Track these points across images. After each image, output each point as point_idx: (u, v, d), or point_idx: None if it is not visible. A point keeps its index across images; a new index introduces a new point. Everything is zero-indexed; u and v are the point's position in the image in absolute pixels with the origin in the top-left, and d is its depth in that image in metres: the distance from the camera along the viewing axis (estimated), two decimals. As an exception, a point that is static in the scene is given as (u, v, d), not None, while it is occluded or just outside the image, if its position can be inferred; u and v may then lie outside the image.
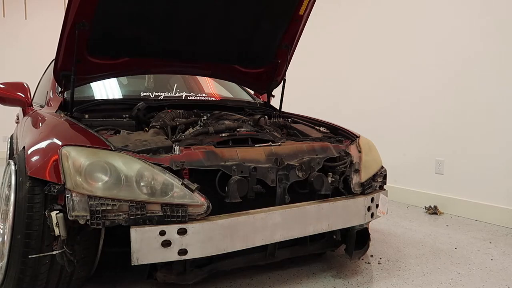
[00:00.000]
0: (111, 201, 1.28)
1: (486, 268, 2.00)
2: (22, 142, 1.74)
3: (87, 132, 1.51)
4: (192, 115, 2.03)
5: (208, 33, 2.11)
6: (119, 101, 2.17)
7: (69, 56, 1.80)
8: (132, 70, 2.18)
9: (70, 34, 1.74)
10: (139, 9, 1.85)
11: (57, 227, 1.28)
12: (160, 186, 1.35)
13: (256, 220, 1.48)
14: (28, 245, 1.31)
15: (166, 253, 1.33)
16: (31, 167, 1.36)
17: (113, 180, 1.30)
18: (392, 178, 3.48)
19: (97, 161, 1.32)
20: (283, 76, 2.48)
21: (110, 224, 1.28)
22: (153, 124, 1.81)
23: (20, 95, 2.38)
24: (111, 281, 1.76)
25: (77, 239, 1.37)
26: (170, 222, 1.33)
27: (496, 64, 2.81)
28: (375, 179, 1.92)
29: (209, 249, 1.40)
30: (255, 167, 1.56)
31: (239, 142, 1.70)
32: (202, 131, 1.75)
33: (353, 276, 1.87)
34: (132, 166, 1.34)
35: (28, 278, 1.34)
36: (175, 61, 2.23)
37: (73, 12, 1.67)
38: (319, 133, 2.09)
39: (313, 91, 4.49)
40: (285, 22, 2.22)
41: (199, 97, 2.58)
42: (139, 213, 1.31)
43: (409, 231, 2.63)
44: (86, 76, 2.02)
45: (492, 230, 2.66)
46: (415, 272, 1.94)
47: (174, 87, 2.70)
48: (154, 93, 2.42)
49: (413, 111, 3.40)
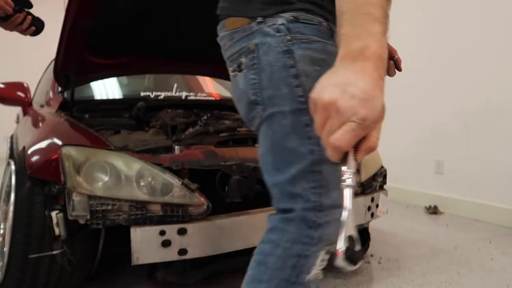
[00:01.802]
0: (111, 201, 1.28)
1: (486, 267, 2.00)
2: (22, 142, 1.74)
3: (87, 131, 1.51)
4: (192, 115, 2.03)
5: (209, 32, 2.10)
6: (119, 101, 2.18)
7: (69, 55, 1.80)
8: (132, 69, 2.18)
9: (70, 34, 1.74)
10: (139, 9, 1.85)
11: (57, 227, 1.29)
12: (160, 186, 1.35)
13: (256, 220, 1.48)
14: (28, 245, 1.31)
15: (166, 253, 1.33)
16: (31, 167, 1.36)
17: (113, 180, 1.30)
18: (392, 178, 3.47)
19: (97, 161, 1.32)
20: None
21: (110, 224, 1.29)
22: (153, 124, 1.82)
23: (20, 94, 2.39)
24: (111, 281, 1.76)
25: (77, 239, 1.37)
26: (170, 222, 1.33)
27: (496, 65, 2.81)
28: (375, 179, 1.92)
29: (209, 249, 1.40)
30: (255, 167, 1.56)
31: (239, 142, 1.70)
32: (202, 131, 1.75)
33: (353, 276, 1.87)
34: (132, 166, 1.34)
35: (28, 278, 1.34)
36: (175, 60, 2.23)
37: (74, 11, 1.67)
38: (319, 133, 2.09)
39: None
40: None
41: (199, 96, 2.58)
42: (139, 213, 1.31)
43: (409, 231, 2.62)
44: (86, 76, 2.02)
45: (492, 229, 2.66)
46: (415, 272, 1.94)
47: (174, 86, 2.70)
48: (154, 92, 2.43)
49: (413, 111, 3.40)
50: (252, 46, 0.78)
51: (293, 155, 0.77)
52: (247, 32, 0.80)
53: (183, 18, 1.97)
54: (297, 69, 0.76)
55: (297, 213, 0.76)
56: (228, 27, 0.83)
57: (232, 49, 0.83)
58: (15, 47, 6.11)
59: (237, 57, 0.82)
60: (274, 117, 0.78)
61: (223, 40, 0.85)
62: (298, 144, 0.76)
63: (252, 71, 0.79)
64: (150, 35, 2.00)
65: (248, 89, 0.79)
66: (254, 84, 0.78)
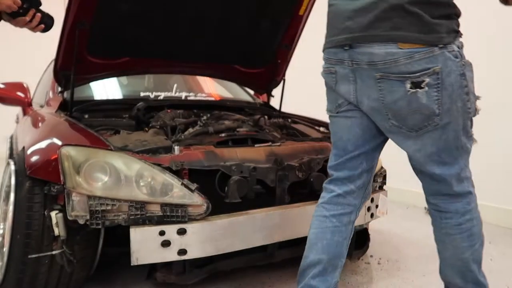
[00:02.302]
0: (110, 201, 1.28)
1: (486, 268, 1.97)
2: (21, 142, 1.74)
3: (86, 132, 1.51)
4: (192, 115, 2.03)
5: (208, 33, 2.11)
6: (119, 101, 2.18)
7: (69, 55, 1.80)
8: (132, 70, 2.18)
9: (70, 34, 1.74)
10: (139, 9, 1.85)
11: (57, 227, 1.29)
12: (159, 186, 1.35)
13: (255, 220, 1.48)
14: (27, 245, 1.31)
15: (165, 253, 1.33)
16: (30, 167, 1.36)
17: (112, 180, 1.30)
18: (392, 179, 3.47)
19: (96, 161, 1.32)
20: (283, 76, 2.48)
21: (110, 224, 1.29)
22: (153, 124, 1.81)
23: (20, 95, 2.39)
24: (111, 281, 1.76)
25: (77, 239, 1.37)
26: (169, 222, 1.34)
27: (495, 65, 2.81)
28: (374, 179, 1.92)
29: (209, 249, 1.40)
30: (255, 167, 1.56)
31: (238, 142, 1.70)
32: (201, 131, 1.75)
33: (353, 276, 1.87)
34: (131, 166, 1.34)
35: (27, 278, 1.34)
36: (175, 61, 2.23)
37: (73, 11, 1.67)
38: (319, 133, 2.09)
39: (313, 92, 4.49)
40: (285, 22, 2.22)
41: (199, 97, 2.58)
42: (139, 213, 1.31)
43: (409, 231, 2.62)
44: (86, 76, 2.02)
45: (492, 230, 2.66)
46: (415, 273, 1.94)
47: (174, 87, 2.70)
48: (154, 93, 2.43)
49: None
50: (437, 69, 0.98)
51: (461, 152, 1.09)
52: (429, 54, 0.98)
53: (182, 18, 1.98)
54: (468, 88, 1.03)
55: (470, 191, 1.13)
56: (403, 46, 1.00)
57: (411, 67, 0.99)
58: (15, 47, 6.11)
59: (419, 76, 0.99)
60: (449, 125, 1.04)
61: (396, 55, 1.00)
62: (465, 142, 1.09)
63: (435, 89, 1.00)
64: (150, 36, 2.00)
65: (431, 104, 1.01)
66: (437, 100, 1.01)
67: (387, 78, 1.03)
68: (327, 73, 1.19)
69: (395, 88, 1.03)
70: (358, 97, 1.12)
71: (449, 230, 1.14)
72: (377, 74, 1.04)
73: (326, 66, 1.20)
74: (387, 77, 1.03)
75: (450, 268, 1.17)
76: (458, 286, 1.16)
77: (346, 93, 1.15)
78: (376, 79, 1.05)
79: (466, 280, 1.14)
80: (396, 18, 1.00)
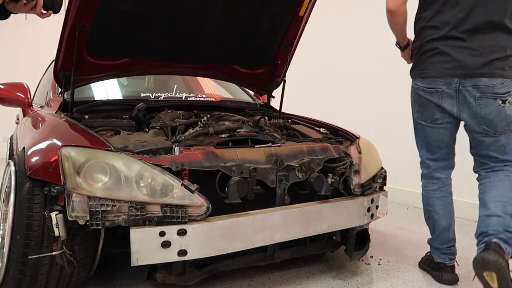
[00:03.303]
0: (110, 201, 1.28)
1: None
2: (22, 143, 1.74)
3: (87, 132, 1.51)
4: (192, 116, 2.03)
5: (208, 34, 2.11)
6: (119, 102, 2.17)
7: (69, 56, 1.80)
8: (132, 70, 2.18)
9: (70, 35, 1.74)
10: (139, 10, 1.85)
11: (57, 227, 1.29)
12: (160, 186, 1.35)
13: (256, 221, 1.48)
14: (27, 245, 1.31)
15: (165, 253, 1.33)
16: (31, 168, 1.36)
17: (113, 180, 1.30)
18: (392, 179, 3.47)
19: (97, 161, 1.32)
20: (283, 77, 2.48)
21: (110, 225, 1.29)
22: (153, 125, 1.81)
23: (20, 95, 2.38)
24: (111, 281, 1.76)
25: (77, 240, 1.37)
26: (170, 223, 1.33)
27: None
28: (375, 180, 1.92)
29: (209, 250, 1.40)
30: (255, 168, 1.56)
31: (239, 143, 1.70)
32: (202, 132, 1.75)
33: (353, 277, 1.87)
34: (132, 167, 1.34)
35: (27, 278, 1.34)
36: (175, 61, 2.23)
37: (73, 12, 1.68)
38: (319, 134, 2.09)
39: (313, 92, 4.50)
40: (285, 23, 2.23)
41: (199, 98, 2.58)
42: (139, 213, 1.31)
43: (409, 232, 2.62)
44: (86, 77, 2.02)
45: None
46: (415, 273, 1.94)
47: (174, 88, 2.71)
48: (154, 93, 2.43)
49: (413, 112, 3.40)
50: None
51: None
52: (510, 82, 1.57)
53: (182, 19, 1.98)
54: None
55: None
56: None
57: (508, 88, 1.56)
58: (15, 47, 6.12)
59: (507, 96, 1.56)
60: None
61: (506, 82, 1.57)
62: None
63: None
64: (150, 36, 2.00)
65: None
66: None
67: (485, 97, 1.57)
68: (433, 92, 1.68)
69: (489, 104, 1.57)
70: (460, 109, 1.64)
71: (509, 174, 1.66)
72: (477, 93, 1.58)
73: (429, 86, 1.68)
74: (486, 96, 1.57)
75: (494, 206, 1.64)
76: (499, 222, 1.60)
77: (449, 106, 1.66)
78: (476, 97, 1.58)
79: (506, 212, 1.59)
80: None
